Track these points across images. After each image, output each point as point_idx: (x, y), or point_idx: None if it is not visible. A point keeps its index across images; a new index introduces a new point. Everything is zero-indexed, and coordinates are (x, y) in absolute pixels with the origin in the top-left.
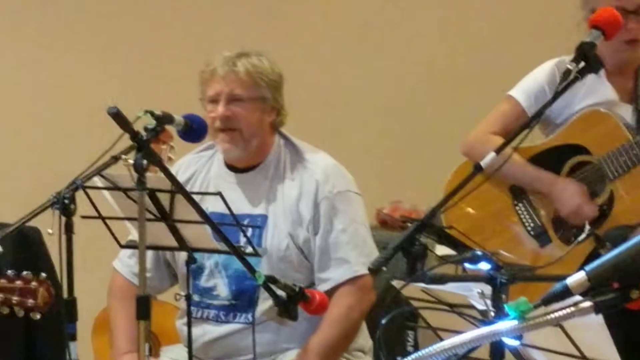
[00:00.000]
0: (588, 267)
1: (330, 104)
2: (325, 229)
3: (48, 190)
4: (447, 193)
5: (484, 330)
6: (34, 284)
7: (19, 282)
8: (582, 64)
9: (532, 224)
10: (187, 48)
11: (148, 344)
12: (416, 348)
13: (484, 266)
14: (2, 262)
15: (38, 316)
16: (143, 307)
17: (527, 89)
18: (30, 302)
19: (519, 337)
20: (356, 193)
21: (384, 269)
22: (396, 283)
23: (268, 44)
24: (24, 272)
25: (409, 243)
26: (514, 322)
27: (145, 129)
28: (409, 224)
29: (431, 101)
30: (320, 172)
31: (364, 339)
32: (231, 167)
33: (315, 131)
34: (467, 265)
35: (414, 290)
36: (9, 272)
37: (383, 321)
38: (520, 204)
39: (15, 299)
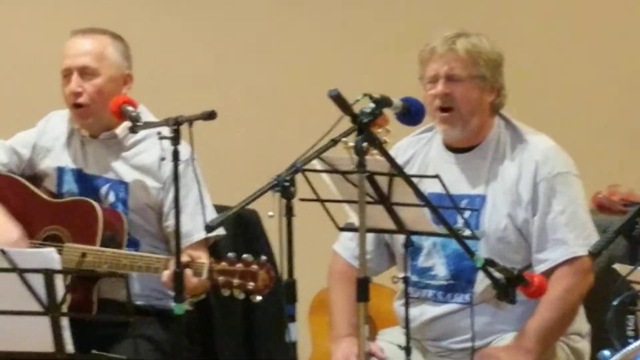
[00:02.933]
0: None
1: (553, 88)
2: (544, 210)
3: (266, 174)
4: None
5: None
6: (254, 267)
7: (239, 265)
8: None
9: None
10: (403, 30)
11: (367, 326)
12: (636, 333)
13: None
14: (222, 244)
15: (258, 298)
16: (363, 289)
17: None
18: (251, 284)
19: None
20: (575, 175)
21: None
22: (618, 267)
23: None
24: (245, 255)
25: (630, 226)
26: None
27: (362, 112)
28: (630, 208)
29: None
30: (540, 154)
31: (581, 322)
32: (450, 148)
33: (536, 114)
34: None
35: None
36: (230, 255)
37: (614, 302)
38: None
39: (236, 281)
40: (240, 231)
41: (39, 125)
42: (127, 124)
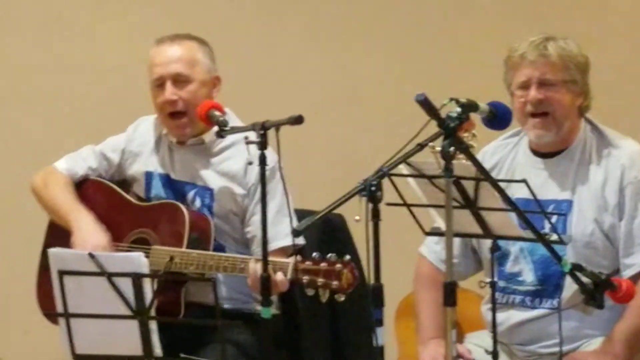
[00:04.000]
0: None
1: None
2: (630, 214)
3: (351, 179)
4: None
5: None
6: (338, 266)
7: (323, 264)
8: None
9: None
10: (483, 36)
11: (455, 330)
12: None
13: None
14: (307, 250)
15: (342, 298)
16: (450, 293)
17: None
18: (335, 283)
19: None
20: None
21: None
22: None
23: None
24: (329, 255)
25: None
26: None
27: (449, 116)
28: None
29: None
30: (626, 157)
31: None
32: (537, 153)
33: (620, 118)
34: None
35: None
36: (314, 254)
37: None
38: None
39: (320, 280)
40: (327, 236)
41: (128, 131)
42: (214, 130)
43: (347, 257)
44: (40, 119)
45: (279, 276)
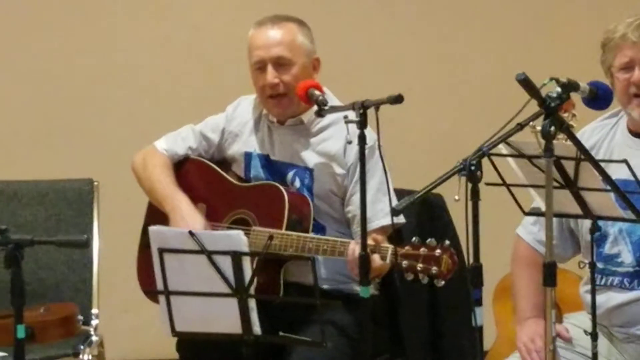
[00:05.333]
0: None
1: None
2: None
3: (451, 158)
4: None
5: None
6: (437, 251)
7: (423, 250)
8: None
9: None
10: (583, 16)
11: (555, 311)
12: None
13: None
14: (407, 229)
15: (442, 283)
16: (550, 273)
17: None
18: (434, 269)
19: None
20: None
21: None
22: None
23: None
24: (428, 240)
25: None
26: None
27: (549, 96)
28: None
29: None
30: None
31: None
32: (635, 134)
33: None
34: None
35: None
36: (414, 239)
37: None
38: None
39: (419, 265)
40: (426, 215)
41: (228, 111)
42: (313, 110)
43: (447, 242)
44: (141, 97)
45: (377, 261)
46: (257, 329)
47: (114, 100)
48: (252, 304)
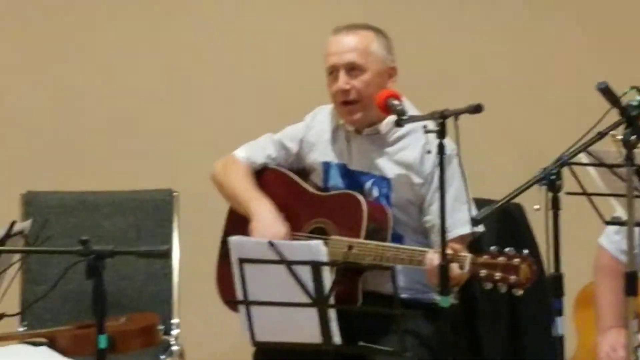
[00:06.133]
0: None
1: None
2: None
3: (530, 168)
4: None
5: None
6: (516, 260)
7: (501, 259)
8: None
9: None
10: None
11: (637, 320)
12: None
13: None
14: (485, 238)
15: (520, 292)
16: (631, 283)
17: None
18: (513, 278)
19: None
20: None
21: None
22: None
23: None
24: (507, 249)
25: None
26: None
27: (630, 105)
28: None
29: None
30: None
31: None
32: None
33: None
34: None
35: None
36: (492, 248)
37: None
38: None
39: (498, 274)
40: (505, 225)
41: (306, 120)
42: (390, 119)
43: (526, 251)
44: (221, 108)
45: (456, 270)
46: (337, 339)
47: (193, 111)
48: (332, 313)
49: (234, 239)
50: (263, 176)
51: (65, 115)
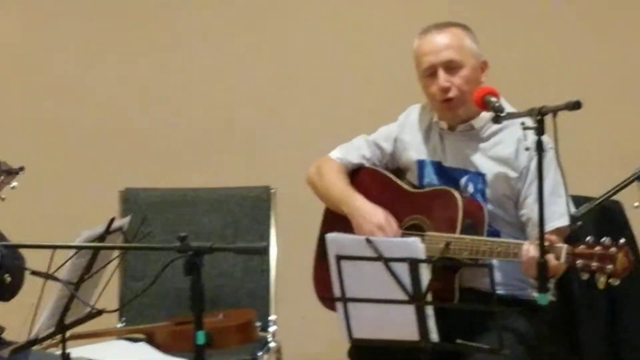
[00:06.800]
0: None
1: None
2: None
3: (629, 165)
4: None
5: None
6: (612, 250)
7: (598, 248)
8: None
9: None
10: None
11: None
12: None
13: None
14: (584, 235)
15: (617, 282)
16: None
17: None
18: (609, 267)
19: None
20: None
21: None
22: None
23: None
24: (603, 239)
25: None
26: None
27: None
28: None
29: None
30: None
31: None
32: None
33: None
34: None
35: None
36: (588, 238)
37: None
38: None
39: (594, 264)
40: (604, 222)
41: (400, 119)
42: (484, 115)
43: (622, 240)
44: (317, 105)
45: (553, 261)
46: (434, 336)
47: (290, 108)
48: (430, 311)
49: (331, 236)
50: (358, 176)
51: (163, 113)
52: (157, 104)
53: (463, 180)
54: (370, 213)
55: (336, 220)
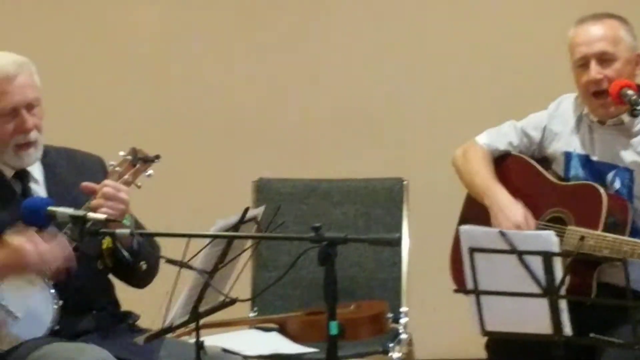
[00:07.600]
0: None
1: None
2: None
3: None
4: None
5: None
6: None
7: None
8: None
9: None
10: None
11: None
12: None
13: None
14: None
15: None
16: None
17: None
18: None
19: None
20: None
21: None
22: None
23: None
24: None
25: None
26: None
27: None
28: None
29: None
30: None
31: None
32: None
33: None
34: None
35: None
36: None
37: None
38: None
39: None
40: None
41: (550, 109)
42: None
43: None
44: (452, 95)
45: None
46: (567, 330)
47: (425, 101)
48: (563, 304)
49: (464, 228)
50: (504, 162)
51: (295, 104)
52: (291, 95)
53: (610, 175)
54: (509, 208)
55: (477, 207)
